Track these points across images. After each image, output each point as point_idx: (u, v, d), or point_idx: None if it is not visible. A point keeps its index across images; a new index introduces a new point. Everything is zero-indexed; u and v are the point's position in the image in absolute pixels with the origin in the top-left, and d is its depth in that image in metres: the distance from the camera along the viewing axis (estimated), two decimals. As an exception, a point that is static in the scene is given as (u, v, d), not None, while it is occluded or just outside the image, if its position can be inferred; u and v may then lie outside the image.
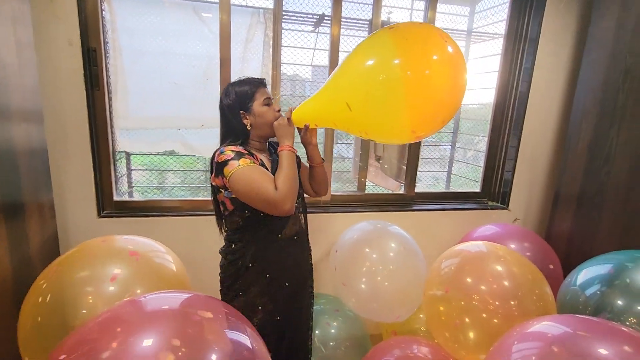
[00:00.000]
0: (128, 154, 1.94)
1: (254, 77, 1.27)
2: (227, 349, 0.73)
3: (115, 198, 1.74)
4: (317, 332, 1.66)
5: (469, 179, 2.55)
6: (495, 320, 1.25)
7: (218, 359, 0.69)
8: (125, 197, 1.82)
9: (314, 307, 1.70)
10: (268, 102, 1.23)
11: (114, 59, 1.72)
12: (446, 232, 2.09)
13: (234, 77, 1.83)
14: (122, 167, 1.92)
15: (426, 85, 1.00)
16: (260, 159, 1.21)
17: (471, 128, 2.61)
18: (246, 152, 1.16)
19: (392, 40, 1.02)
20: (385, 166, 2.26)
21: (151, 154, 2.00)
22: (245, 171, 1.08)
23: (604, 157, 1.72)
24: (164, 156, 2.06)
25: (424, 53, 1.00)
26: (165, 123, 1.89)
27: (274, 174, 1.16)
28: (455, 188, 2.58)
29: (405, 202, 2.16)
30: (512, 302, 1.28)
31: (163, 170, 2.08)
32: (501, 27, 2.21)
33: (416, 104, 1.01)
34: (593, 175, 1.78)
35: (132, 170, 1.96)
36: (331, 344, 1.66)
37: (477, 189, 2.35)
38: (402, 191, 2.19)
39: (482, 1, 2.46)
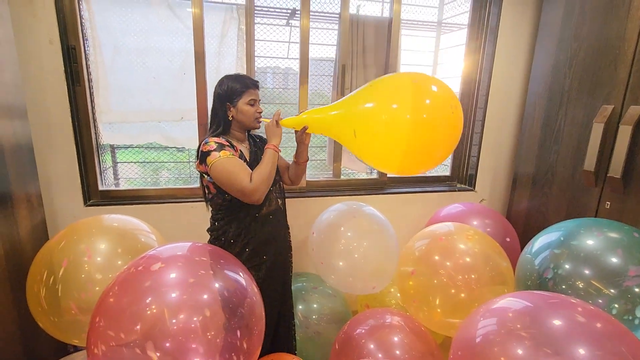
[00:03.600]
0: (113, 147, 2.03)
1: (250, 78, 1.41)
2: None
3: (101, 188, 1.84)
4: (300, 307, 1.78)
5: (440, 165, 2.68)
6: (458, 292, 1.42)
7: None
8: (111, 187, 1.92)
9: (296, 285, 1.83)
10: (252, 103, 1.38)
11: (94, 56, 1.81)
12: (417, 212, 2.23)
13: (209, 71, 1.94)
14: (108, 160, 2.02)
15: (425, 143, 1.19)
16: (240, 150, 1.36)
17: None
18: (227, 143, 1.30)
19: (411, 95, 1.16)
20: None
21: (138, 147, 2.09)
22: (224, 162, 1.23)
23: (553, 138, 1.87)
24: (150, 149, 2.16)
25: (435, 118, 1.18)
26: (146, 116, 1.98)
27: (251, 164, 1.34)
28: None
29: (379, 185, 2.29)
30: (472, 276, 1.44)
31: (146, 162, 2.17)
32: (467, 18, 2.33)
33: (411, 152, 1.19)
34: (545, 155, 1.93)
35: (117, 163, 2.05)
36: (313, 317, 1.78)
37: (447, 172, 2.50)
38: (375, 176, 2.32)
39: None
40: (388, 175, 2.33)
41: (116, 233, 1.37)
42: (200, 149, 1.30)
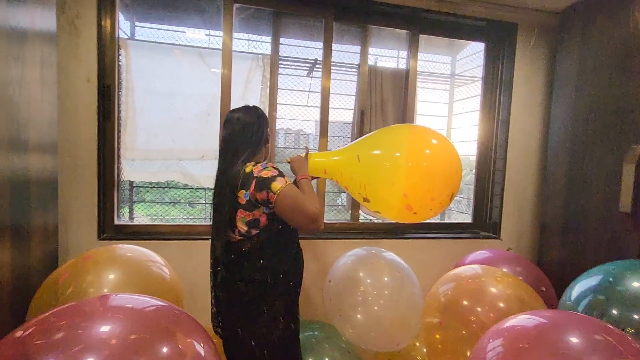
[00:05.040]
0: (132, 185, 2.05)
1: None
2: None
3: (116, 222, 1.81)
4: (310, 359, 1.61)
5: (461, 212, 2.61)
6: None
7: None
8: (126, 222, 1.89)
9: (306, 334, 1.68)
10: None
11: (125, 97, 1.90)
12: (439, 259, 2.11)
13: (234, 113, 2.01)
14: (126, 196, 2.02)
15: (424, 175, 1.21)
16: None
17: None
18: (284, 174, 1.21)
19: (407, 141, 1.24)
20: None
21: (157, 185, 2.11)
22: (293, 188, 1.15)
23: (581, 183, 1.81)
24: (168, 189, 2.18)
25: (429, 160, 1.23)
26: (169, 154, 2.02)
27: None
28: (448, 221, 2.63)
29: (397, 230, 2.21)
30: None
31: (163, 202, 2.17)
32: (480, 72, 2.44)
33: (413, 173, 1.20)
34: (573, 201, 1.86)
35: (134, 202, 2.05)
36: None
37: (469, 220, 2.41)
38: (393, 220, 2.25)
39: (463, 50, 2.73)
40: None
41: (127, 264, 1.31)
42: (257, 174, 1.15)
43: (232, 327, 1.23)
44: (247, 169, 1.18)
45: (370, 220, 2.34)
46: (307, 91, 2.38)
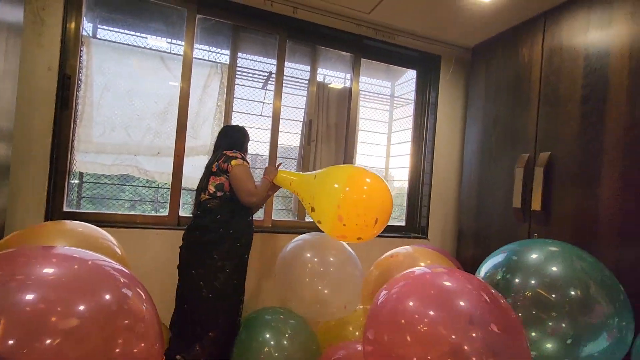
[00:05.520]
0: (82, 175, 2.08)
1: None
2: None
3: (65, 209, 1.83)
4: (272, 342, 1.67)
5: (395, 218, 2.91)
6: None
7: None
8: (74, 209, 1.91)
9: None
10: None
11: (84, 91, 1.98)
12: (376, 254, 2.34)
13: (190, 114, 2.16)
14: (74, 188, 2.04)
15: (356, 199, 1.51)
16: None
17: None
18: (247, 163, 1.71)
19: (346, 174, 1.56)
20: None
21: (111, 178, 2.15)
22: (245, 167, 1.65)
23: (488, 188, 2.18)
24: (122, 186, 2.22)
25: (361, 189, 1.54)
26: (124, 149, 2.10)
27: None
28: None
29: (339, 229, 2.42)
30: None
31: (114, 184, 2.21)
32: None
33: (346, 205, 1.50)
34: (483, 204, 2.21)
35: (84, 182, 2.08)
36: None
37: (402, 223, 2.71)
38: (336, 221, 2.48)
39: (403, 76, 3.13)
40: (349, 222, 2.49)
41: (76, 236, 1.37)
42: (226, 154, 1.66)
43: (188, 268, 1.55)
44: (224, 153, 1.68)
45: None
46: (262, 102, 2.60)
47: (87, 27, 2.07)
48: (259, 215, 2.27)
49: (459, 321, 0.94)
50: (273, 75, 2.42)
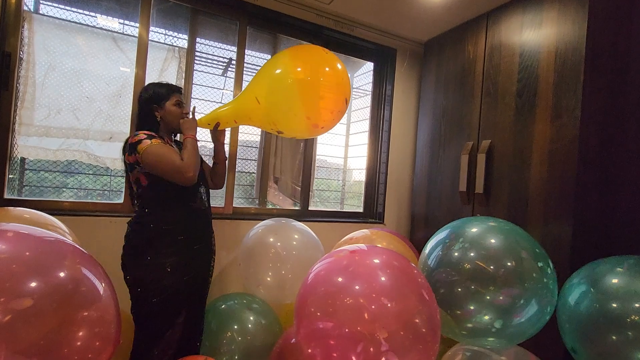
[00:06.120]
0: (24, 160, 1.94)
1: (174, 84, 1.58)
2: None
3: (7, 196, 1.71)
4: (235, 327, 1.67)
5: (354, 206, 3.03)
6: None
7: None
8: (17, 197, 1.79)
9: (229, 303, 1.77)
10: (179, 104, 1.53)
11: (25, 71, 1.85)
12: (335, 237, 2.44)
13: (146, 98, 2.09)
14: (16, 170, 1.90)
15: (311, 81, 1.38)
16: (169, 144, 1.47)
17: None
18: (158, 137, 1.41)
19: (288, 54, 1.46)
20: (282, 186, 2.61)
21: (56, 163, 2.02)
22: (156, 146, 1.34)
23: (437, 174, 2.35)
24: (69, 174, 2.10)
25: (309, 60, 1.43)
26: (72, 133, 1.99)
27: None
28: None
29: (300, 215, 2.49)
30: None
31: (62, 171, 2.09)
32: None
33: (305, 94, 1.37)
34: (433, 186, 2.38)
35: (26, 169, 1.95)
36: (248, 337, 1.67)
37: (360, 210, 2.83)
38: (297, 207, 2.53)
39: (360, 68, 3.23)
40: (309, 209, 2.56)
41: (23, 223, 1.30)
42: (129, 141, 1.38)
43: (124, 270, 1.39)
44: (127, 139, 1.43)
45: (277, 206, 2.58)
46: (221, 89, 2.57)
47: (28, 2, 1.92)
48: (219, 203, 2.26)
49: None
50: (233, 62, 2.40)
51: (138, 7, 2.03)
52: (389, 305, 1.02)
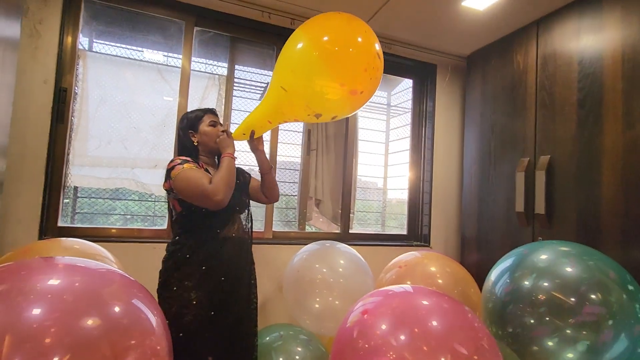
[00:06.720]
0: (76, 189, 2.03)
1: (207, 107, 1.56)
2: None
3: (60, 224, 1.78)
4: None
5: (395, 227, 2.89)
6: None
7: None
8: (69, 224, 1.86)
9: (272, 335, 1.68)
10: (213, 124, 1.48)
11: (79, 105, 1.96)
12: (379, 262, 2.31)
13: (189, 125, 2.14)
14: (70, 201, 1.99)
15: (332, 45, 1.24)
16: (206, 169, 1.41)
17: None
18: (193, 161, 1.36)
19: (301, 31, 1.33)
20: (323, 209, 2.54)
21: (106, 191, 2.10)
22: (187, 171, 1.29)
23: (488, 192, 2.18)
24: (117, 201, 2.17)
25: (323, 26, 1.30)
26: (121, 162, 2.06)
27: None
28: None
29: (341, 238, 2.39)
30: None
31: (111, 198, 2.16)
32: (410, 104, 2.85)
33: (330, 59, 1.23)
34: (484, 208, 2.21)
35: (78, 197, 2.03)
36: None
37: (404, 232, 2.69)
38: (338, 230, 2.45)
39: (398, 85, 3.17)
40: (350, 232, 2.46)
41: (72, 254, 1.32)
42: (167, 169, 1.34)
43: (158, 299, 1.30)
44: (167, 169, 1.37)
45: (318, 229, 2.51)
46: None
47: (83, 40, 2.06)
48: (258, 227, 2.23)
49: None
50: (270, 87, 2.42)
51: (181, 40, 2.10)
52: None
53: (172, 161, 1.35)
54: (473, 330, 0.96)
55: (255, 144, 1.52)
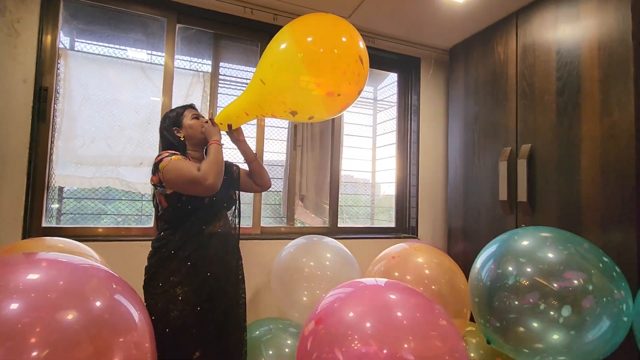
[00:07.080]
0: (61, 190, 2.01)
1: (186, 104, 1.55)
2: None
3: (44, 224, 1.76)
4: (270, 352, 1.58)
5: (384, 220, 2.91)
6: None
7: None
8: (54, 224, 1.84)
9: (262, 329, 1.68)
10: (196, 117, 1.48)
11: (62, 104, 1.93)
12: (368, 254, 2.34)
13: (174, 123, 2.13)
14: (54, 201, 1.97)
15: (316, 46, 1.25)
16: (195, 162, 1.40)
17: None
18: (179, 153, 1.36)
19: (286, 29, 1.34)
20: (308, 204, 2.55)
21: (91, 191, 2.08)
22: (175, 161, 1.29)
23: (473, 183, 2.21)
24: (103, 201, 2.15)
25: (308, 26, 1.31)
26: (105, 160, 2.04)
27: None
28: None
29: (329, 232, 2.41)
30: (433, 287, 1.56)
31: (97, 198, 2.14)
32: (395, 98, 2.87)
33: (309, 59, 1.23)
34: (469, 199, 2.24)
35: (64, 198, 2.01)
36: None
37: (392, 224, 2.71)
38: (326, 225, 2.46)
39: (384, 80, 3.19)
40: (338, 226, 2.48)
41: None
42: (154, 161, 1.34)
43: (144, 296, 1.32)
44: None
45: (305, 224, 2.52)
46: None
47: (64, 39, 2.03)
48: (246, 223, 2.23)
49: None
50: (256, 83, 2.42)
51: (164, 37, 2.09)
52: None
53: (159, 155, 1.34)
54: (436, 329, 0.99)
55: (235, 135, 1.52)
